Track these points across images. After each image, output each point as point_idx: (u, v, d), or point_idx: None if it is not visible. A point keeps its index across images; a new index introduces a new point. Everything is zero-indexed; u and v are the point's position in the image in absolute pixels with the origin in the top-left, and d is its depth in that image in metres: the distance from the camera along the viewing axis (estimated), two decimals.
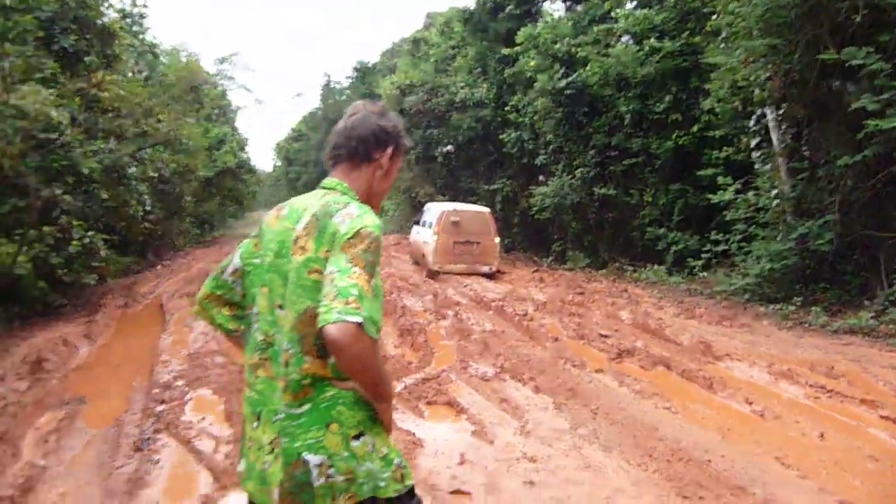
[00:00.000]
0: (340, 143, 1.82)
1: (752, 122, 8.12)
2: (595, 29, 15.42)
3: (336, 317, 1.44)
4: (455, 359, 6.54)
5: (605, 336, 7.36)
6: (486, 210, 14.71)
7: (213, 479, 3.79)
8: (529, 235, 18.93)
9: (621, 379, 5.79)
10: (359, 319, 1.45)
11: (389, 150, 1.84)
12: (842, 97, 7.28)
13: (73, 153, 9.26)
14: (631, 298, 10.40)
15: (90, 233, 9.26)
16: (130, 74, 10.11)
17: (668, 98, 13.15)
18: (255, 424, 1.69)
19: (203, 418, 4.93)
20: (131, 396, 5.69)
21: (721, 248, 10.73)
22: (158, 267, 14.90)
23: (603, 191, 14.82)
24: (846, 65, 6.65)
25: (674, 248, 12.62)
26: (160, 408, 5.18)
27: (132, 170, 10.82)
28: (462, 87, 19.59)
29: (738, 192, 9.78)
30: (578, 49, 15.25)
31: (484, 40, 19.80)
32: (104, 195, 9.77)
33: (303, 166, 55.97)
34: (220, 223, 29.20)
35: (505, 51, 17.43)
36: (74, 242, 9.01)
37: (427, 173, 20.85)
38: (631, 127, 14.13)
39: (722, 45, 8.84)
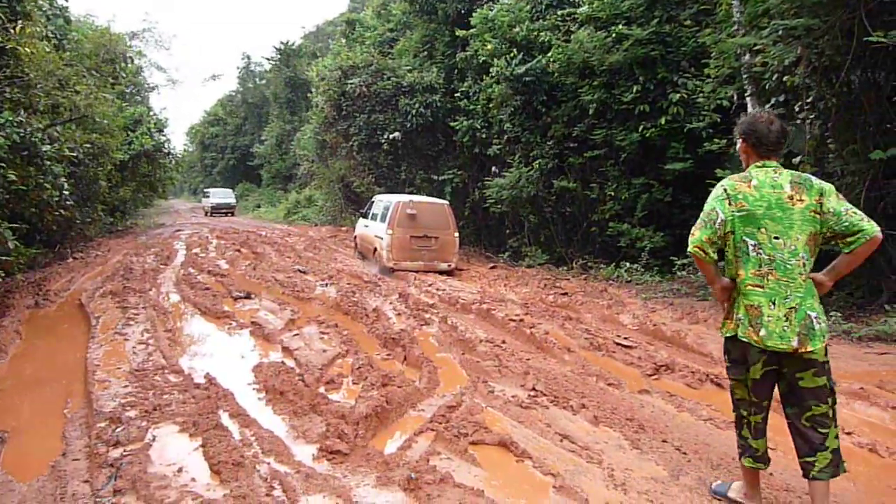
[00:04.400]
0: (779, 140, 3.05)
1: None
2: (558, 13, 14.66)
3: (875, 228, 2.82)
4: (467, 378, 5.51)
5: (626, 346, 6.52)
6: (445, 202, 13.70)
7: None
8: (480, 230, 18.02)
9: (676, 401, 4.94)
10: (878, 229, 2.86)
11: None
12: (878, 87, 6.77)
13: None
14: (615, 299, 9.68)
15: None
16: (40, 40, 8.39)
17: (635, 88, 12.52)
18: (772, 307, 2.90)
19: (180, 470, 3.69)
20: (67, 431, 4.37)
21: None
22: (70, 260, 12.95)
23: (562, 184, 14.08)
24: (888, 49, 6.10)
25: (648, 245, 11.99)
26: (115, 453, 3.89)
27: (46, 148, 9.02)
28: (409, 70, 18.37)
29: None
30: (539, 34, 14.45)
31: (431, 22, 18.64)
32: (11, 176, 8.03)
33: (219, 152, 52.36)
34: (132, 211, 26.62)
35: (459, 32, 16.33)
36: None
37: (370, 162, 19.43)
38: (594, 117, 13.43)
39: (735, 27, 8.17)
